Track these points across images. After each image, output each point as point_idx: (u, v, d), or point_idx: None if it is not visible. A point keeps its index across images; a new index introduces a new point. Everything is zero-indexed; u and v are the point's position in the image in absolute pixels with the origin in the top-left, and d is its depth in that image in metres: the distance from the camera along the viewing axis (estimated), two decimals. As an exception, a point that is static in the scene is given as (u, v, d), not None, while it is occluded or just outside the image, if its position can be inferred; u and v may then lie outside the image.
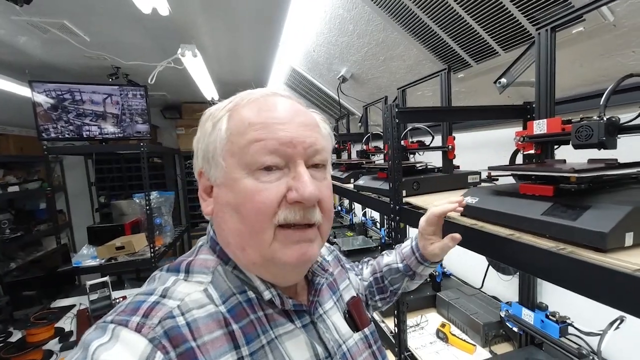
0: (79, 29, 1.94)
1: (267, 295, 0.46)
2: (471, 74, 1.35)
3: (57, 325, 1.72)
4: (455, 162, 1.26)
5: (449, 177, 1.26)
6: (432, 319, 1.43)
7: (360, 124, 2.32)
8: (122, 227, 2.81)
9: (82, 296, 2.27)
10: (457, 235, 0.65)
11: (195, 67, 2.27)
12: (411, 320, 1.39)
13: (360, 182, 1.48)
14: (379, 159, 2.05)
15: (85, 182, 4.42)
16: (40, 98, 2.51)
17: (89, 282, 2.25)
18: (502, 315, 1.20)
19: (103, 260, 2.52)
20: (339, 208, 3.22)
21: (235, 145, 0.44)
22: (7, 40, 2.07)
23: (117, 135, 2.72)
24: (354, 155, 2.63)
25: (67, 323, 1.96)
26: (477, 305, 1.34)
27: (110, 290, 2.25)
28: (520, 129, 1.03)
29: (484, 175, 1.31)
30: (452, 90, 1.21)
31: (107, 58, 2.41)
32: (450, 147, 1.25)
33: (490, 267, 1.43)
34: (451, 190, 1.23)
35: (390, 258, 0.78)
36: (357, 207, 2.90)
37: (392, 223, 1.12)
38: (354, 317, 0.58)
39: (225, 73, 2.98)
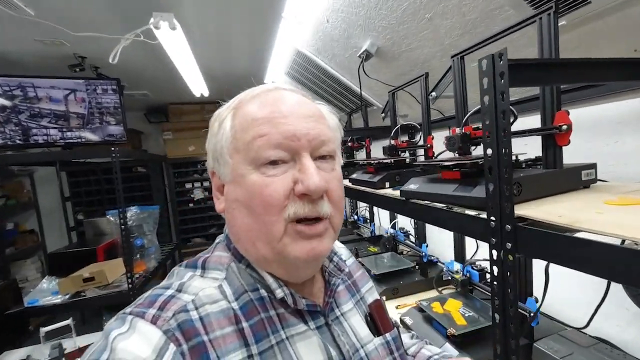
0: (17, -2, 1.46)
1: (279, 293, 0.45)
2: (580, 17, 0.90)
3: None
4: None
5: (558, 175, 0.82)
6: (533, 385, 0.95)
7: (383, 114, 1.86)
8: (95, 252, 2.30)
9: (38, 345, 1.77)
10: None
11: (175, 44, 1.78)
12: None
13: (412, 186, 1.01)
14: (415, 157, 1.61)
15: (59, 198, 3.88)
16: (-15, 96, 2.02)
17: (43, 329, 1.75)
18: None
19: (67, 297, 2.00)
20: (355, 217, 2.74)
21: (240, 142, 0.45)
22: None
23: (83, 140, 2.22)
24: (375, 154, 2.18)
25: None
26: (610, 369, 0.86)
27: (75, 335, 1.78)
28: None
29: (604, 168, 0.87)
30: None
31: (66, 43, 1.93)
32: (565, 126, 0.80)
33: (606, 299, 0.95)
34: (560, 193, 0.78)
35: (406, 340, 0.71)
36: (380, 215, 2.43)
37: (499, 254, 0.65)
38: (376, 320, 0.56)
39: (215, 61, 2.51)
